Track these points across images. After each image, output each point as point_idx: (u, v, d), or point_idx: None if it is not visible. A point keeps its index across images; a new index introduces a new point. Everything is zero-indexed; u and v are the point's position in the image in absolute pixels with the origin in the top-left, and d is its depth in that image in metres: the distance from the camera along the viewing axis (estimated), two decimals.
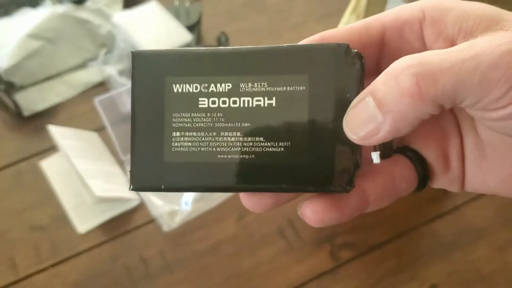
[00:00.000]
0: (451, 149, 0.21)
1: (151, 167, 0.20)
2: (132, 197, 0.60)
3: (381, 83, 0.17)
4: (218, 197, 0.59)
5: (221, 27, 0.76)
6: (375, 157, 0.19)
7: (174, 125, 0.20)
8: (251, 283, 0.55)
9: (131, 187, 0.20)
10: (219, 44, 0.73)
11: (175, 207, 0.58)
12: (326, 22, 0.77)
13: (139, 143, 0.20)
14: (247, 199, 0.20)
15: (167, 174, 0.20)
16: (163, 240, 0.58)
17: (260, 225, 0.58)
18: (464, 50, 0.16)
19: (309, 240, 0.57)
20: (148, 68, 0.20)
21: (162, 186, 0.20)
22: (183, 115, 0.20)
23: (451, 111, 0.21)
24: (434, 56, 0.16)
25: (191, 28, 0.72)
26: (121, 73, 0.68)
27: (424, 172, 0.21)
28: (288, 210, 0.58)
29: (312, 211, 0.19)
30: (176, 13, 0.73)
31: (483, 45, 0.16)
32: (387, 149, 0.21)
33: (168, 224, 0.58)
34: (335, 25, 0.63)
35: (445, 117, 0.21)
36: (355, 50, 0.19)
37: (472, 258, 0.56)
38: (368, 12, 0.56)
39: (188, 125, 0.19)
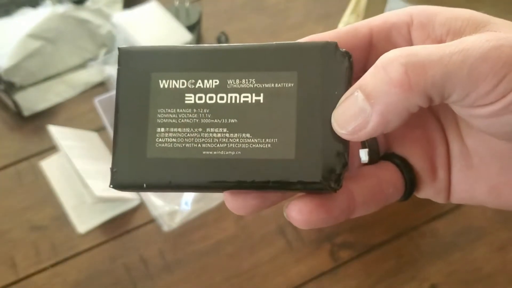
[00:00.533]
0: (437, 158, 0.21)
1: (133, 164, 0.19)
2: (132, 197, 0.60)
3: (370, 75, 0.17)
4: (218, 197, 0.59)
5: (221, 27, 0.76)
6: (363, 154, 0.19)
7: (158, 120, 0.19)
8: (251, 283, 0.55)
9: (111, 185, 0.19)
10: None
11: (175, 207, 0.58)
12: (326, 22, 0.77)
13: (121, 140, 0.19)
14: (230, 201, 0.19)
15: (150, 171, 0.19)
16: (163, 240, 0.58)
17: (259, 225, 0.58)
18: (452, 45, 0.16)
19: (309, 240, 0.57)
20: (134, 64, 0.20)
21: (144, 184, 0.19)
22: (169, 110, 0.19)
23: (437, 119, 0.21)
24: (423, 49, 0.16)
25: (191, 28, 0.72)
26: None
27: (411, 179, 0.21)
28: None
29: (298, 211, 0.18)
30: (176, 13, 0.73)
31: (472, 40, 0.16)
32: (374, 154, 0.21)
33: (168, 224, 0.58)
34: (334, 25, 0.64)
35: (431, 125, 0.21)
36: (343, 49, 0.19)
37: (472, 258, 0.56)
38: (368, 12, 0.56)
39: (174, 121, 0.19)
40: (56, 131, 0.61)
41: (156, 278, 0.55)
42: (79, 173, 0.57)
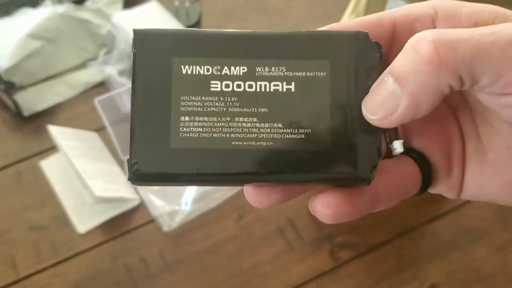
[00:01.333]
0: (454, 153, 0.21)
1: (155, 155, 0.18)
2: (132, 197, 0.60)
3: (399, 58, 0.17)
4: (218, 197, 0.59)
5: (221, 27, 0.76)
6: (399, 145, 0.19)
7: (182, 109, 0.18)
8: (251, 283, 0.55)
9: (130, 177, 0.18)
10: None
11: (175, 207, 0.58)
12: (326, 22, 0.77)
13: (140, 129, 0.18)
14: (252, 194, 0.19)
15: (174, 162, 0.18)
16: (163, 240, 0.58)
17: (260, 225, 0.58)
18: (482, 28, 0.16)
19: (309, 240, 0.57)
20: (153, 48, 0.18)
21: (168, 176, 0.18)
22: (193, 98, 0.18)
23: (454, 115, 0.21)
24: (452, 30, 0.16)
25: (191, 28, 0.72)
26: (121, 73, 0.68)
27: (428, 174, 0.20)
28: (288, 210, 0.58)
29: (327, 205, 0.18)
30: (176, 13, 0.73)
31: (503, 25, 0.16)
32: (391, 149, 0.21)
33: (168, 224, 0.58)
34: None
35: (448, 121, 0.21)
36: (374, 40, 0.18)
37: (472, 258, 0.56)
38: (367, 12, 0.56)
39: (199, 109, 0.18)
40: (56, 131, 0.61)
41: (156, 278, 0.55)
42: (79, 173, 0.57)
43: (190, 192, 0.59)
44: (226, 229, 0.58)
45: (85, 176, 0.57)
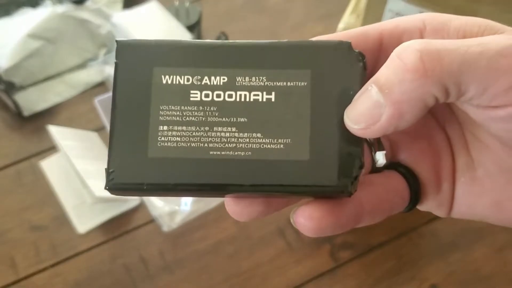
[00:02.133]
0: (443, 169, 0.20)
1: (133, 164, 0.18)
2: (132, 197, 0.60)
3: (385, 66, 0.16)
4: (218, 198, 0.59)
5: (221, 27, 0.76)
6: (381, 157, 0.19)
7: (161, 118, 0.18)
8: (250, 283, 0.55)
9: (107, 186, 0.18)
10: None
11: (175, 207, 0.58)
12: (326, 23, 0.77)
13: (119, 138, 0.18)
14: (232, 206, 0.18)
15: (151, 171, 0.17)
16: (163, 240, 0.58)
17: (259, 225, 0.58)
18: (470, 39, 0.16)
19: (309, 240, 0.57)
20: (134, 58, 0.18)
21: (145, 186, 0.17)
22: (172, 108, 0.18)
23: (443, 130, 0.20)
24: (439, 40, 0.16)
25: (191, 28, 0.72)
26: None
27: (417, 189, 0.20)
28: (288, 209, 0.58)
29: (309, 217, 0.17)
30: (176, 13, 0.73)
31: (491, 37, 0.16)
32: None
33: (168, 224, 0.58)
34: (335, 25, 0.63)
35: (437, 136, 0.20)
36: (357, 50, 0.18)
37: (471, 258, 0.56)
38: (368, 12, 0.56)
39: (178, 118, 0.18)
40: (56, 131, 0.61)
41: (156, 278, 0.55)
42: (79, 173, 0.57)
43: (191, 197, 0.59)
44: (225, 229, 0.58)
45: (85, 176, 0.57)
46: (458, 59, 0.15)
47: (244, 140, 0.18)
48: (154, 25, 0.71)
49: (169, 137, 0.18)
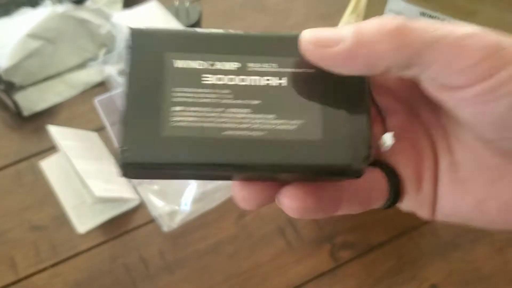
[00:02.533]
0: (425, 170, 0.21)
1: (147, 143, 0.18)
2: (132, 197, 0.60)
3: (367, 21, 0.17)
4: (218, 197, 0.59)
5: (221, 27, 0.75)
6: (388, 138, 0.19)
7: (174, 99, 0.18)
8: (250, 283, 0.55)
9: (120, 163, 0.18)
10: None
11: (175, 207, 0.58)
12: (326, 22, 0.77)
13: (132, 118, 0.18)
14: (241, 190, 0.19)
15: (165, 150, 0.18)
16: (163, 240, 0.58)
17: (259, 225, 0.58)
18: (446, 25, 0.17)
19: (309, 240, 0.57)
20: (146, 44, 0.19)
21: (159, 164, 0.18)
22: (185, 90, 0.18)
23: (427, 132, 0.21)
24: (417, 21, 0.17)
25: (191, 28, 0.72)
26: (121, 73, 0.68)
27: (396, 186, 0.21)
28: None
29: (294, 196, 0.18)
30: (176, 13, 0.73)
31: (466, 25, 0.17)
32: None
33: (168, 224, 0.58)
34: (334, 25, 0.63)
35: (421, 138, 0.21)
36: None
37: (472, 258, 0.56)
38: (368, 12, 0.56)
39: (191, 100, 0.18)
40: (56, 131, 0.61)
41: (156, 278, 0.55)
42: (79, 173, 0.57)
43: (190, 192, 0.59)
44: (225, 229, 0.58)
45: (85, 176, 0.57)
46: (427, 35, 0.16)
47: (258, 121, 0.18)
48: (154, 25, 0.71)
49: (183, 117, 0.18)
